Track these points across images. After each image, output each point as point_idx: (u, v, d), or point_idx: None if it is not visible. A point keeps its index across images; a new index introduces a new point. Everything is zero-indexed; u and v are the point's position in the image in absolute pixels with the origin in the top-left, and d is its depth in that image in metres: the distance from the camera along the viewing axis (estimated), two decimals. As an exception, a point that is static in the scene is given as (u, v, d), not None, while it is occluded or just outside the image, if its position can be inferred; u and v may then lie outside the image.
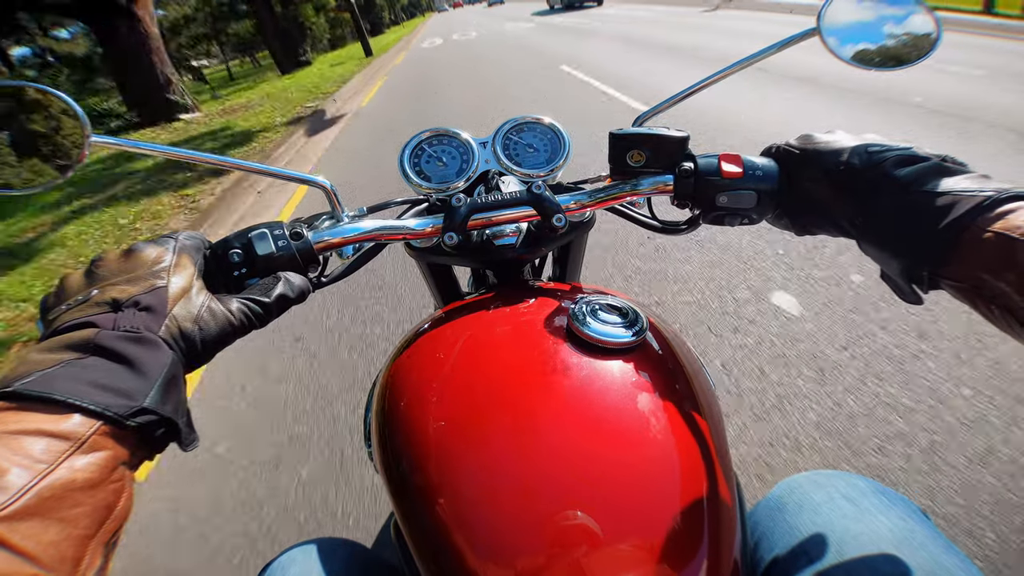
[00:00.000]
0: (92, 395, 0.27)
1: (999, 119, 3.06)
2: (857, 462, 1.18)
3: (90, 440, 0.27)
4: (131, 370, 0.29)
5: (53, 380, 0.27)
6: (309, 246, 0.44)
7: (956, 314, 1.52)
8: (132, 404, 0.28)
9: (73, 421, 0.26)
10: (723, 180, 0.47)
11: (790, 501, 0.47)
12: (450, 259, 0.60)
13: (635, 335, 0.41)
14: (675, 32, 8.76)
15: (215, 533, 1.27)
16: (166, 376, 0.31)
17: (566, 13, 17.23)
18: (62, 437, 0.26)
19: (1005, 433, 1.19)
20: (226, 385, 1.80)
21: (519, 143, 0.59)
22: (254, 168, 0.48)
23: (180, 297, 0.35)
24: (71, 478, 0.25)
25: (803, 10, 8.24)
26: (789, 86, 4.33)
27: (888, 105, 3.56)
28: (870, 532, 0.40)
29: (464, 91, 6.61)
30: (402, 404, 0.43)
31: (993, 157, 2.63)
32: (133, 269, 0.35)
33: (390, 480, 0.41)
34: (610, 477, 0.34)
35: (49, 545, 0.23)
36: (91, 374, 0.28)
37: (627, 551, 0.31)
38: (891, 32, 0.44)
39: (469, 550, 0.33)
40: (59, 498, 0.24)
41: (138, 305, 0.32)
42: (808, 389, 1.39)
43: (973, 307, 0.35)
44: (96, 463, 0.26)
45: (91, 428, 0.27)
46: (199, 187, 4.11)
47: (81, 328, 0.31)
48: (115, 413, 0.27)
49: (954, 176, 0.36)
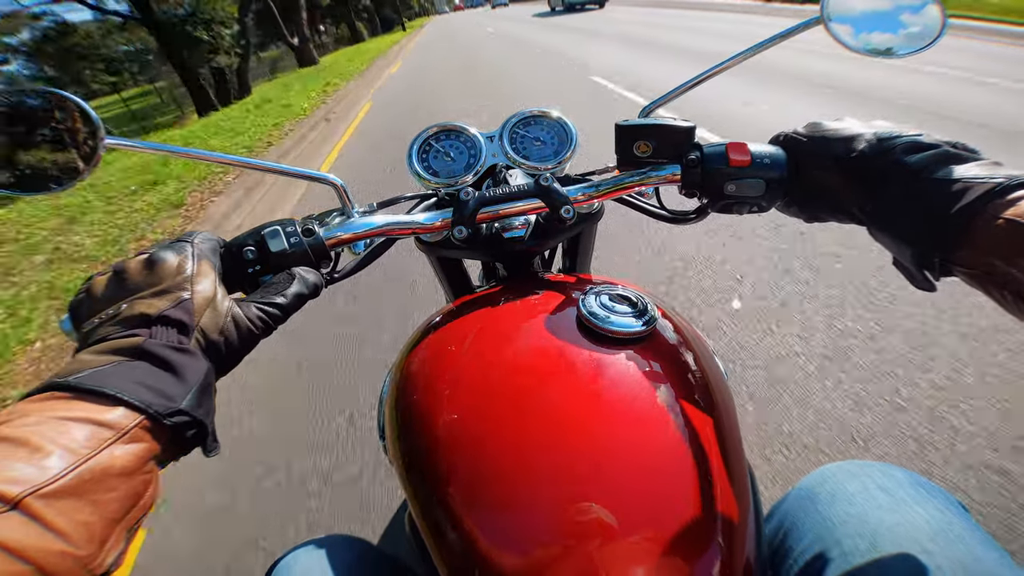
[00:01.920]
0: (138, 392, 0.30)
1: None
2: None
3: (131, 432, 0.29)
4: (173, 375, 0.32)
5: (105, 377, 0.30)
6: (321, 242, 0.45)
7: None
8: (171, 405, 0.31)
9: (118, 413, 0.29)
10: (730, 169, 0.47)
11: (822, 491, 0.46)
12: (460, 252, 0.60)
13: (646, 324, 0.41)
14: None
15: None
16: (203, 383, 0.33)
17: (570, 14, 17.08)
18: (107, 426, 0.28)
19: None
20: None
21: (526, 136, 0.59)
22: (265, 167, 0.49)
23: (205, 307, 0.36)
24: (110, 464, 0.27)
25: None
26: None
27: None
28: (906, 523, 0.39)
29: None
30: (416, 397, 0.43)
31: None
32: (158, 281, 0.36)
33: (405, 472, 0.41)
34: (623, 468, 0.34)
35: (80, 524, 0.25)
36: (138, 375, 0.31)
37: (641, 543, 0.31)
38: (894, 19, 0.45)
39: (485, 542, 0.33)
40: (97, 481, 0.26)
41: (168, 320, 0.34)
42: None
43: (986, 293, 0.35)
44: (133, 453, 0.29)
45: (133, 421, 0.29)
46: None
47: (132, 337, 0.33)
48: (156, 411, 0.30)
49: (965, 163, 0.36)
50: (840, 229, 0.53)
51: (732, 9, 11.90)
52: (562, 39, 10.71)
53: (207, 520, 1.33)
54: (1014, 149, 2.77)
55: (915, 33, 0.44)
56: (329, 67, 13.18)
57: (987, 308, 1.49)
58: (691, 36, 8.43)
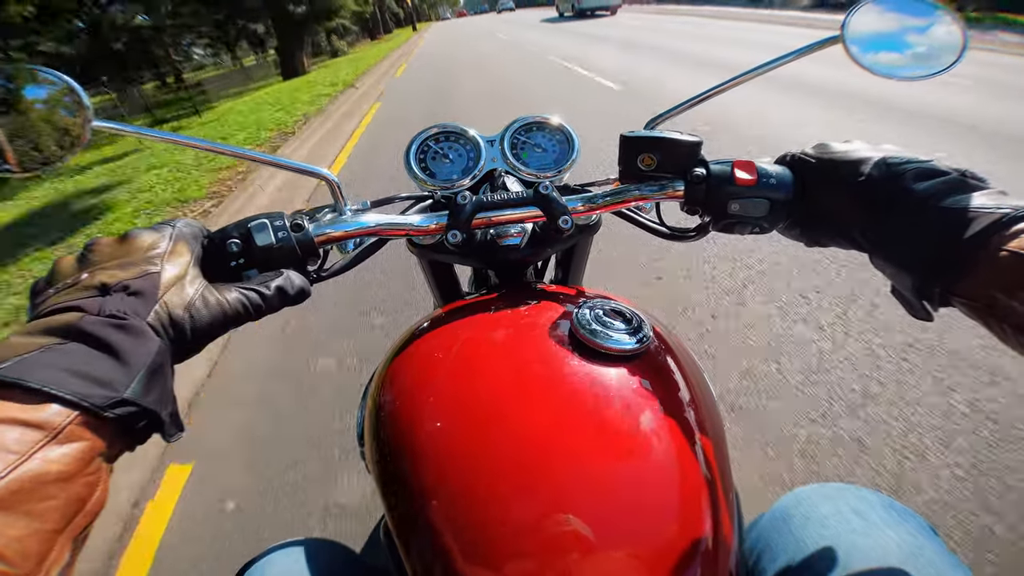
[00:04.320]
0: (69, 384, 0.26)
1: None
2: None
3: (66, 431, 0.25)
4: (113, 358, 0.28)
5: (30, 367, 0.26)
6: (310, 239, 0.44)
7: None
8: (112, 395, 0.27)
9: (49, 411, 0.25)
10: (735, 187, 0.45)
11: (796, 513, 0.46)
12: (452, 258, 0.59)
13: (639, 342, 0.40)
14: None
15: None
16: (151, 366, 0.29)
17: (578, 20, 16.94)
18: (36, 427, 0.24)
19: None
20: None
21: (527, 143, 0.58)
22: (259, 158, 0.48)
23: (173, 284, 0.33)
24: (44, 470, 0.24)
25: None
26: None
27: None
28: (878, 547, 0.40)
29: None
30: (397, 404, 0.42)
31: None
32: (127, 254, 0.34)
33: (382, 480, 0.40)
34: (606, 484, 0.34)
35: (13, 540, 0.22)
36: (70, 361, 0.27)
37: (620, 559, 0.31)
38: (916, 41, 0.43)
39: (460, 553, 0.33)
40: (29, 491, 0.23)
41: (127, 290, 0.31)
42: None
43: (985, 325, 0.34)
44: (71, 455, 0.25)
45: (67, 418, 0.25)
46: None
47: (65, 312, 0.29)
48: (92, 404, 0.26)
49: (972, 192, 0.35)
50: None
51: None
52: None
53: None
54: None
55: (935, 52, 0.43)
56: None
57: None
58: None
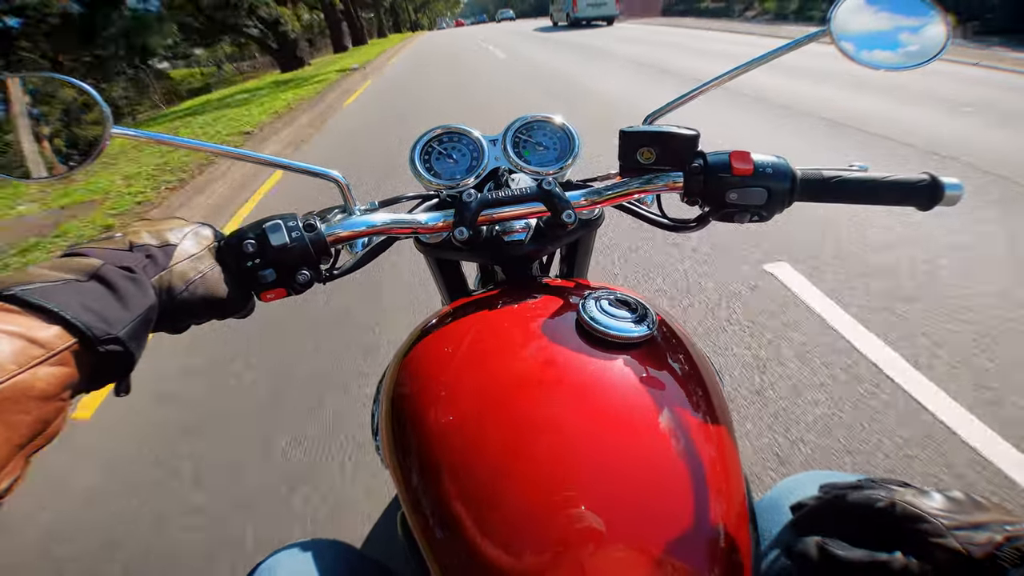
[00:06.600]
0: (82, 315, 0.29)
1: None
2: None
3: (60, 355, 0.28)
4: (119, 301, 0.31)
5: (52, 293, 0.29)
6: (322, 238, 0.45)
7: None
8: (109, 331, 0.30)
9: (52, 332, 0.28)
10: (733, 177, 0.47)
11: (788, 502, 0.45)
12: (459, 254, 0.60)
13: (645, 330, 0.41)
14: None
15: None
16: (144, 316, 0.33)
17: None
18: (39, 344, 0.27)
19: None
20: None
21: (529, 141, 0.60)
22: (268, 161, 0.49)
23: (184, 258, 0.38)
24: (31, 384, 0.26)
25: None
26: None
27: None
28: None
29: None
30: (412, 398, 0.43)
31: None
32: (158, 228, 0.39)
33: (399, 474, 0.40)
34: (619, 474, 0.34)
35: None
36: (85, 296, 0.30)
37: (635, 549, 0.31)
38: (900, 33, 0.45)
39: (479, 543, 0.33)
40: (14, 401, 0.25)
41: (146, 252, 0.36)
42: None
43: None
44: (56, 376, 0.27)
45: (66, 344, 0.28)
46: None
47: (91, 257, 0.33)
48: (93, 334, 0.29)
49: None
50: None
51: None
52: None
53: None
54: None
55: (918, 45, 0.44)
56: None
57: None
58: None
